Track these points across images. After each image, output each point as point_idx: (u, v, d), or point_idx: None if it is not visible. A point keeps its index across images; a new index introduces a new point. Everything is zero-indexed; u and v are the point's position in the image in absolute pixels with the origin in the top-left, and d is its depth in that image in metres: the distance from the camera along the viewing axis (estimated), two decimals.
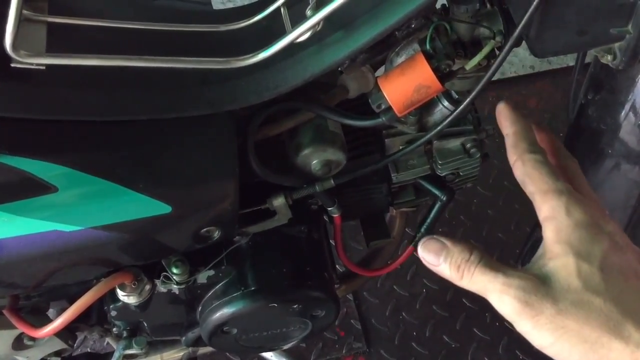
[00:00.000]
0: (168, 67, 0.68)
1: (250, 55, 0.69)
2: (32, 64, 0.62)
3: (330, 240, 1.01)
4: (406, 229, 1.15)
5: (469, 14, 0.82)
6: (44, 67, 0.63)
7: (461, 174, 1.04)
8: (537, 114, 1.97)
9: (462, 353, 1.51)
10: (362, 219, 1.06)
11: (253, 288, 0.86)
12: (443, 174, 1.01)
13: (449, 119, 0.81)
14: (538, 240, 1.10)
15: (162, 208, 0.73)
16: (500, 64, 0.74)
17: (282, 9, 0.72)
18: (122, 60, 0.65)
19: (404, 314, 1.55)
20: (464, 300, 1.57)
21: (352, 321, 1.53)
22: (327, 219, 1.02)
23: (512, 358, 1.50)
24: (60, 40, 0.69)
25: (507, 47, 0.72)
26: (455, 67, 0.81)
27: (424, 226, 1.05)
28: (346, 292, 1.19)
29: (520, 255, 1.18)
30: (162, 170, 0.72)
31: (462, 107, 0.79)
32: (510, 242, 1.65)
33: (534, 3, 0.67)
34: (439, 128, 0.82)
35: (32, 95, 0.66)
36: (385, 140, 0.96)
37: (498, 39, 0.82)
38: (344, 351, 1.49)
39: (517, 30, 0.70)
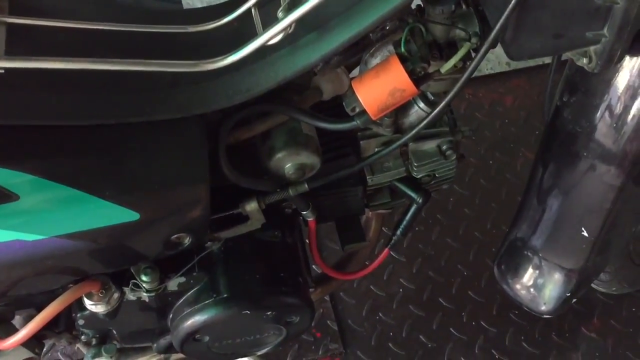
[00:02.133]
0: (135, 70, 0.65)
1: (220, 57, 0.67)
2: None
3: (306, 240, 1.00)
4: (383, 228, 1.13)
5: (445, 15, 0.80)
6: (2, 71, 0.60)
7: (437, 175, 1.02)
8: (514, 111, 1.96)
9: (438, 353, 1.51)
10: (337, 224, 1.04)
11: (225, 295, 0.84)
12: (419, 176, 1.00)
13: (425, 121, 0.79)
14: (514, 240, 1.10)
15: (129, 215, 0.71)
16: (476, 67, 0.73)
17: (253, 10, 0.70)
18: (87, 63, 0.63)
19: (380, 314, 1.54)
20: (440, 299, 1.56)
21: (328, 322, 1.51)
22: (302, 221, 1.00)
23: (488, 357, 1.50)
24: (21, 41, 0.66)
25: (482, 50, 0.71)
26: (430, 70, 0.80)
27: (400, 228, 1.04)
28: (322, 295, 1.17)
29: (497, 254, 1.17)
30: (130, 176, 0.70)
31: (437, 110, 0.77)
32: (487, 240, 1.64)
33: (510, 6, 0.66)
34: (414, 131, 0.81)
35: None
36: (361, 142, 0.95)
37: (474, 40, 0.80)
38: (320, 352, 1.48)
39: (493, 33, 0.69)
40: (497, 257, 1.18)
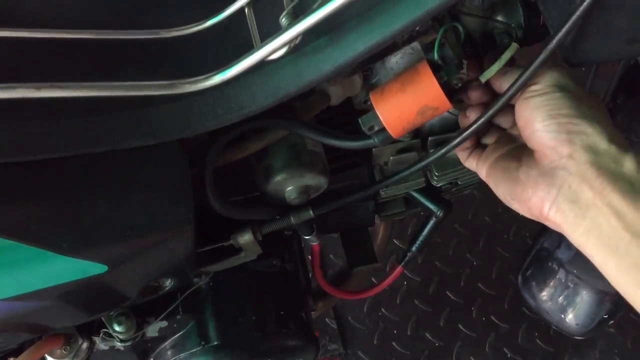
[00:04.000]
0: (94, 96, 0.50)
1: (203, 77, 0.51)
2: None
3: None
4: (394, 240, 1.00)
5: (484, 6, 0.65)
6: None
7: (459, 183, 0.89)
8: None
9: (446, 352, 1.40)
10: (343, 238, 0.90)
11: (216, 343, 0.71)
12: (439, 185, 0.86)
13: (460, 139, 0.64)
14: (540, 250, 0.98)
15: (95, 268, 0.57)
16: (526, 81, 0.58)
17: (246, 10, 0.54)
18: (25, 90, 0.47)
19: (383, 310, 1.42)
20: (448, 293, 1.45)
21: (327, 320, 1.39)
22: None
23: (500, 356, 1.40)
24: None
25: (538, 61, 0.56)
26: (465, 76, 0.64)
27: (416, 244, 0.91)
28: (324, 309, 1.04)
29: (522, 263, 1.04)
30: (92, 223, 0.55)
31: (475, 126, 0.62)
32: (498, 226, 1.52)
33: (583, 5, 0.51)
34: (445, 149, 0.66)
35: None
36: (373, 149, 0.80)
37: (518, 33, 0.66)
38: (318, 354, 1.36)
39: (555, 41, 0.54)
40: (523, 267, 1.05)
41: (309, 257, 0.87)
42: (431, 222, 0.88)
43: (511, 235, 1.52)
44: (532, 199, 0.53)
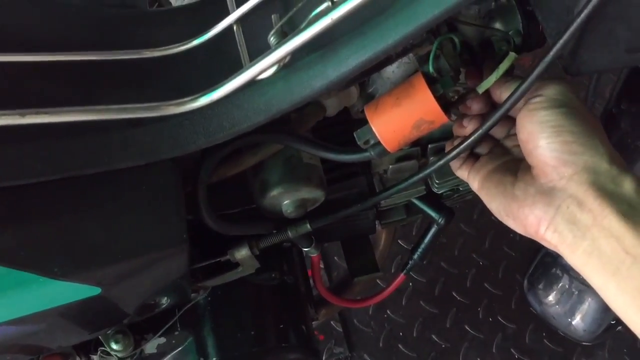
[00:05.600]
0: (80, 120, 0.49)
1: (189, 99, 0.50)
2: None
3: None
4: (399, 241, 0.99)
5: (481, 15, 0.64)
6: None
7: (460, 189, 0.87)
8: None
9: (453, 353, 1.39)
10: (344, 247, 0.89)
11: (214, 359, 0.70)
12: (440, 192, 0.85)
13: (461, 147, 0.63)
14: (545, 255, 0.97)
15: (88, 291, 0.56)
16: (525, 90, 0.56)
17: (234, 27, 0.53)
18: (8, 117, 0.46)
19: (388, 312, 1.41)
20: (454, 293, 1.43)
21: (332, 323, 1.38)
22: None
23: (507, 357, 1.38)
24: None
25: (535, 73, 0.54)
26: (461, 88, 0.63)
27: (418, 252, 0.90)
28: (327, 317, 1.04)
29: (528, 268, 1.02)
30: (83, 246, 0.54)
31: (476, 136, 0.61)
32: (504, 225, 1.50)
33: (583, 14, 0.49)
34: (447, 158, 0.64)
35: None
36: None
37: (516, 40, 0.64)
38: (324, 357, 1.36)
39: (553, 52, 0.52)
40: (529, 272, 1.04)
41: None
42: (433, 230, 0.87)
43: (517, 234, 1.50)
44: (529, 218, 0.51)
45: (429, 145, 0.80)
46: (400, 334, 1.41)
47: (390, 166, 0.80)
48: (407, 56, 0.67)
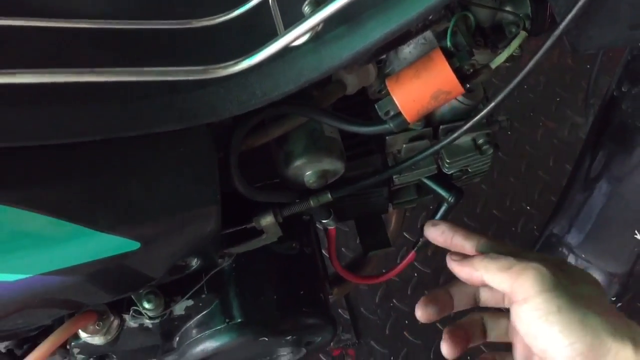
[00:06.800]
0: (127, 81, 0.53)
1: (232, 62, 0.55)
2: None
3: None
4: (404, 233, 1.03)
5: None
6: None
7: (470, 170, 0.92)
8: (532, 76, 1.84)
9: None
10: (358, 225, 0.94)
11: (240, 320, 0.74)
12: (450, 172, 0.89)
13: (469, 124, 0.68)
14: (550, 236, 1.01)
15: (128, 245, 0.60)
16: (533, 67, 0.61)
17: (270, 0, 0.58)
18: (63, 75, 0.50)
19: (394, 301, 1.45)
20: None
21: (339, 310, 1.43)
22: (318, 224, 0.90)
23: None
24: None
25: (546, 47, 0.59)
26: (476, 62, 0.68)
27: None
28: (340, 295, 1.08)
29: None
30: (126, 202, 0.59)
31: (485, 111, 0.66)
32: (506, 219, 1.55)
33: None
34: (457, 134, 0.69)
35: None
36: (386, 137, 0.83)
37: (526, 24, 0.69)
38: (331, 344, 1.40)
39: (561, 28, 0.57)
40: None
41: (324, 251, 0.91)
42: (443, 208, 0.91)
43: (519, 228, 1.54)
44: None
45: (441, 127, 0.84)
46: (406, 322, 1.45)
47: (404, 145, 0.84)
48: (423, 37, 0.72)
